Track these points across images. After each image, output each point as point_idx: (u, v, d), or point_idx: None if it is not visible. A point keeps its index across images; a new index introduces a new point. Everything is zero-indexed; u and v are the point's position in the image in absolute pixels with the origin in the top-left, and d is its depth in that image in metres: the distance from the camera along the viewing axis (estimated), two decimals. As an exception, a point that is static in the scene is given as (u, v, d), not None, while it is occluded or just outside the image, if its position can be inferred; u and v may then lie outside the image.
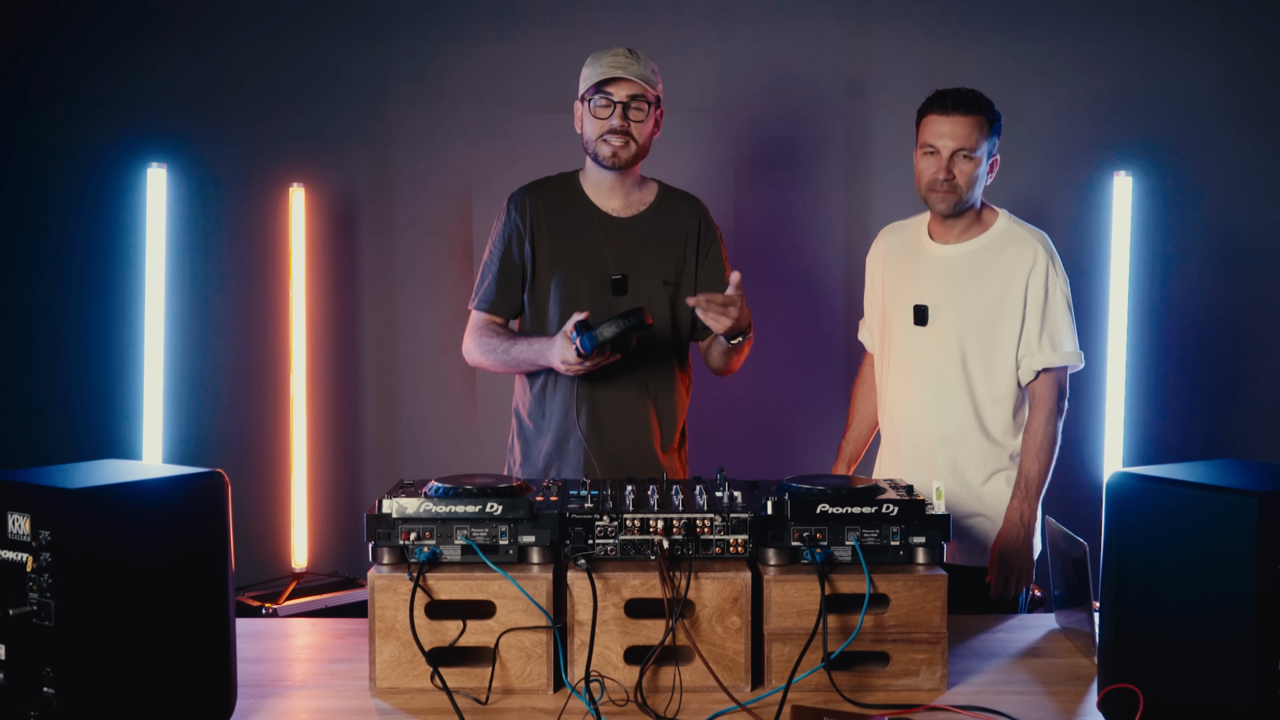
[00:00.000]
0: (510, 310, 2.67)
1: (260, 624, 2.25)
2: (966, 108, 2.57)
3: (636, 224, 2.66)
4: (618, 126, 2.53)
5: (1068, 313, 2.59)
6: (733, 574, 1.77)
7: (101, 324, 3.92)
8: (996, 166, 2.65)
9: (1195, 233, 3.96)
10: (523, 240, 2.63)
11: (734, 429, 4.02)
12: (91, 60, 3.91)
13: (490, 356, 2.61)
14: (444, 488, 1.83)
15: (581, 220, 2.63)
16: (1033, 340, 2.57)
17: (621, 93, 2.53)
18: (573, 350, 2.35)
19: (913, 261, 2.70)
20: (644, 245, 2.64)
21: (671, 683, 1.76)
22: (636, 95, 2.54)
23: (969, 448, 2.60)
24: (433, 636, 1.76)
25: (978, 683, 1.86)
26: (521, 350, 2.55)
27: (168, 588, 1.58)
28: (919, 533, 1.80)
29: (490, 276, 2.66)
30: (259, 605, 3.65)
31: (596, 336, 2.32)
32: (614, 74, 2.51)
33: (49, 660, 1.50)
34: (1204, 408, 3.99)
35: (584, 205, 2.65)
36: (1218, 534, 1.48)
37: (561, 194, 2.66)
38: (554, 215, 2.63)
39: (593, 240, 2.62)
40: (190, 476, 1.64)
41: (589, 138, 2.58)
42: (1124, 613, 1.60)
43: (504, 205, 2.68)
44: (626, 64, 2.53)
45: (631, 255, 2.62)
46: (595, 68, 2.55)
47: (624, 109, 2.53)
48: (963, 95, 2.59)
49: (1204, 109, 3.94)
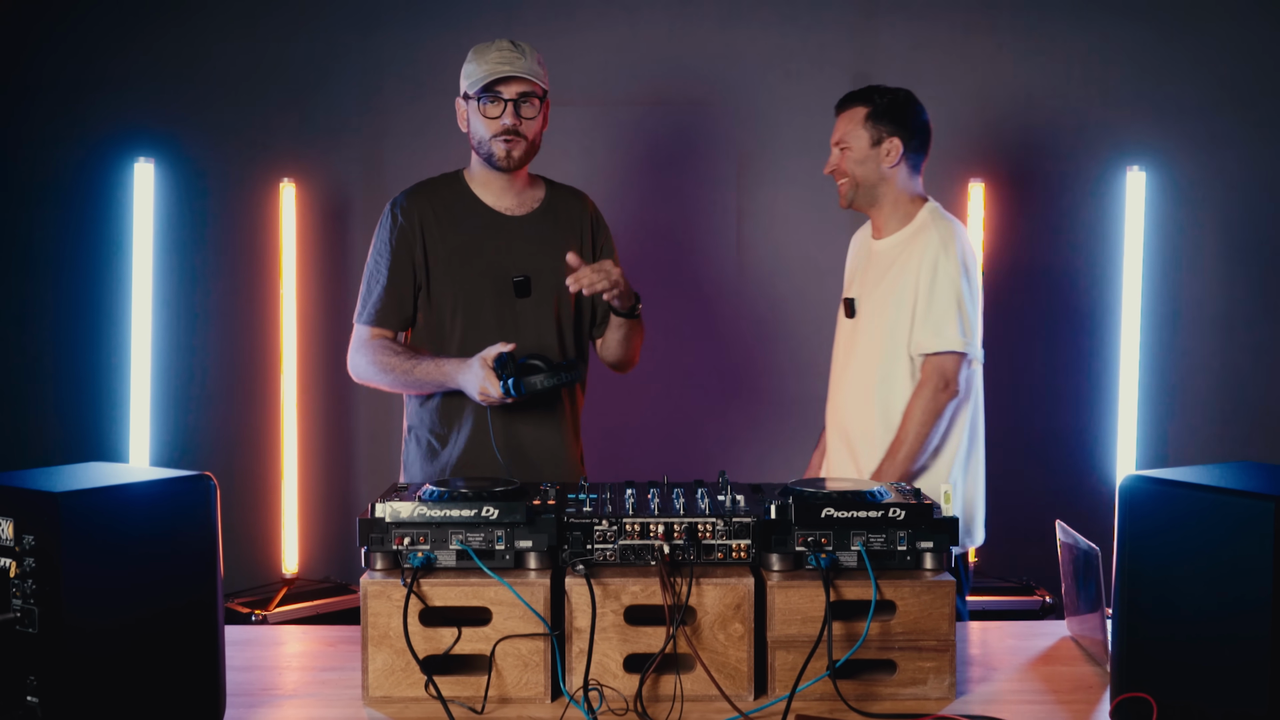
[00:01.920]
0: (401, 322, 2.58)
1: (250, 631, 2.25)
2: (846, 104, 2.79)
3: (532, 222, 2.61)
4: (510, 125, 2.49)
5: (954, 300, 2.67)
6: (735, 580, 1.76)
7: (87, 323, 3.92)
8: (896, 151, 2.78)
9: (1209, 229, 3.96)
10: (412, 246, 2.54)
11: (735, 430, 4.02)
12: (77, 52, 3.91)
13: (386, 377, 2.52)
14: (439, 491, 1.83)
15: (474, 221, 2.57)
16: (917, 325, 2.69)
17: (511, 90, 2.48)
18: (497, 388, 2.33)
19: (858, 257, 2.90)
20: (542, 244, 2.58)
21: (672, 692, 1.76)
22: (526, 92, 2.49)
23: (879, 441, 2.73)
24: (427, 644, 1.76)
25: (987, 691, 1.86)
26: (428, 371, 2.47)
27: (154, 594, 1.58)
28: (926, 537, 1.80)
29: (379, 288, 2.55)
30: (248, 612, 3.65)
31: (529, 386, 2.32)
32: (503, 72, 2.46)
33: (33, 668, 1.49)
34: (1219, 409, 3.99)
35: (475, 206, 2.59)
36: (1233, 539, 1.48)
37: (449, 195, 2.60)
38: (444, 218, 2.57)
39: (489, 241, 2.57)
40: (178, 480, 1.64)
41: (480, 138, 2.53)
42: (1137, 620, 1.60)
43: (386, 210, 2.59)
44: (514, 59, 2.48)
45: (531, 255, 2.57)
46: (480, 64, 2.50)
47: (515, 107, 2.48)
48: (851, 93, 2.81)
49: (1217, 103, 3.94)
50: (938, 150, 3.98)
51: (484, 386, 2.36)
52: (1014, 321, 4.00)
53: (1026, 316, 4.01)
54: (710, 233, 4.01)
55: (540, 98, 2.53)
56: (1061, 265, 3.99)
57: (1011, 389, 4.02)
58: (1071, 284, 3.99)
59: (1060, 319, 4.01)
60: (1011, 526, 4.02)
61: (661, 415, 3.91)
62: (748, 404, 4.01)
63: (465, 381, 2.41)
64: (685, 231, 3.96)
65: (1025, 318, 4.01)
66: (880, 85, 2.83)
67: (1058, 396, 4.03)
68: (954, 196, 3.93)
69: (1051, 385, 4.03)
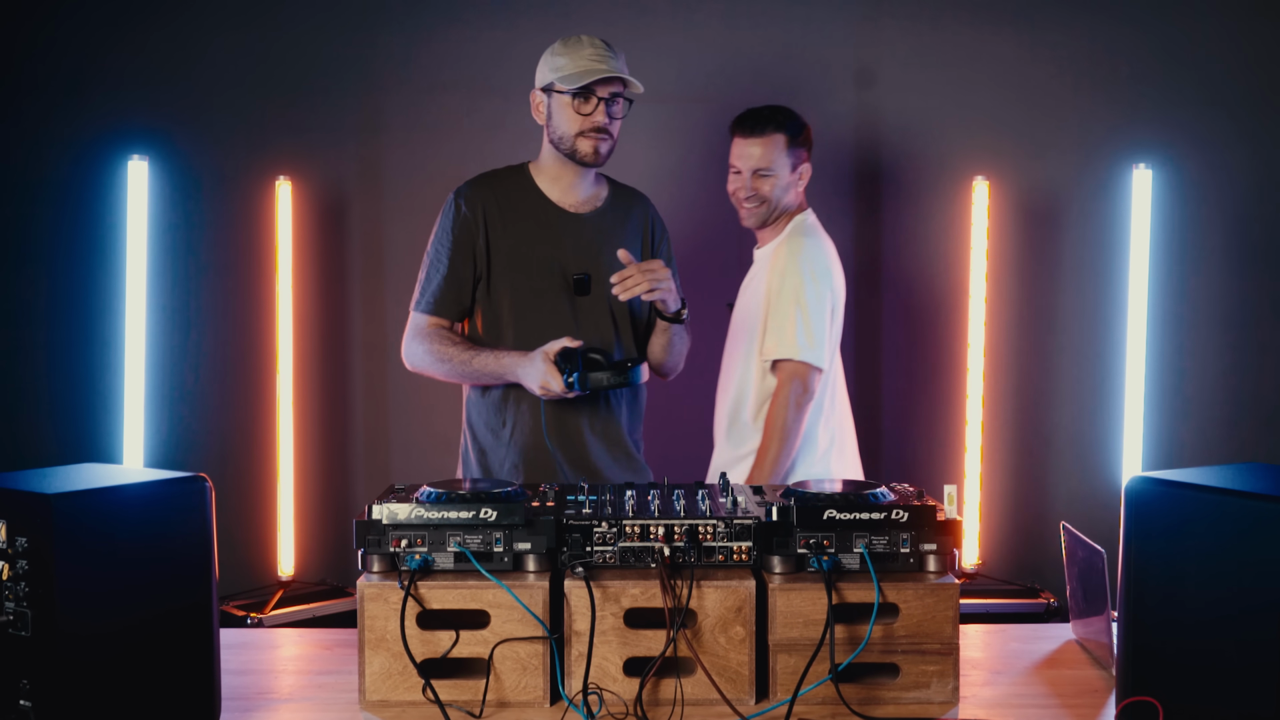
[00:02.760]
0: (459, 313, 2.61)
1: (245, 634, 2.25)
2: (763, 129, 2.87)
3: (595, 220, 2.64)
4: (602, 124, 2.51)
5: (797, 308, 2.80)
6: (736, 582, 1.76)
7: (81, 323, 3.92)
8: (807, 175, 2.98)
9: (1217, 228, 3.96)
10: (475, 237, 2.57)
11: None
12: (70, 49, 3.91)
13: (443, 366, 2.55)
14: (436, 493, 1.83)
15: (539, 216, 2.60)
16: (766, 331, 2.84)
17: (605, 89, 2.52)
18: (560, 382, 2.36)
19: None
20: (604, 242, 2.61)
21: (673, 695, 1.76)
22: (617, 93, 2.53)
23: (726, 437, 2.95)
24: (424, 647, 1.76)
25: (991, 695, 1.86)
26: (486, 362, 2.51)
27: (149, 597, 1.58)
28: (930, 539, 1.80)
29: (439, 276, 2.58)
30: (244, 615, 3.66)
31: (594, 383, 2.37)
32: (601, 71, 2.49)
33: (26, 671, 1.49)
34: (1226, 410, 3.99)
35: (539, 200, 2.61)
36: (1241, 541, 1.48)
37: (514, 187, 2.62)
38: (508, 210, 2.59)
39: (551, 236, 2.59)
40: (172, 481, 1.64)
41: (564, 133, 2.54)
42: (1143, 623, 1.60)
43: (449, 200, 2.61)
44: (608, 58, 2.52)
45: (592, 253, 2.60)
46: (574, 60, 2.52)
47: (606, 106, 2.51)
48: (762, 117, 2.89)
49: (1224, 100, 3.94)
50: (941, 147, 4.01)
51: (545, 380, 2.39)
52: (1018, 321, 4.01)
53: (1030, 316, 4.01)
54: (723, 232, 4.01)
55: (628, 100, 2.57)
56: (1067, 264, 3.99)
57: (1016, 390, 4.02)
58: (1077, 283, 3.99)
59: (1065, 318, 4.01)
60: (1016, 528, 4.02)
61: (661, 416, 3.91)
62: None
63: (526, 374, 2.44)
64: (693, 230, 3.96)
65: (1029, 317, 4.01)
66: (782, 106, 2.94)
67: (1063, 397, 4.03)
68: (957, 194, 3.93)
69: (1057, 386, 4.04)
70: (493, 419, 2.62)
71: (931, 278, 4.00)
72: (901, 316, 4.02)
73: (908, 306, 4.02)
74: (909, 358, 4.03)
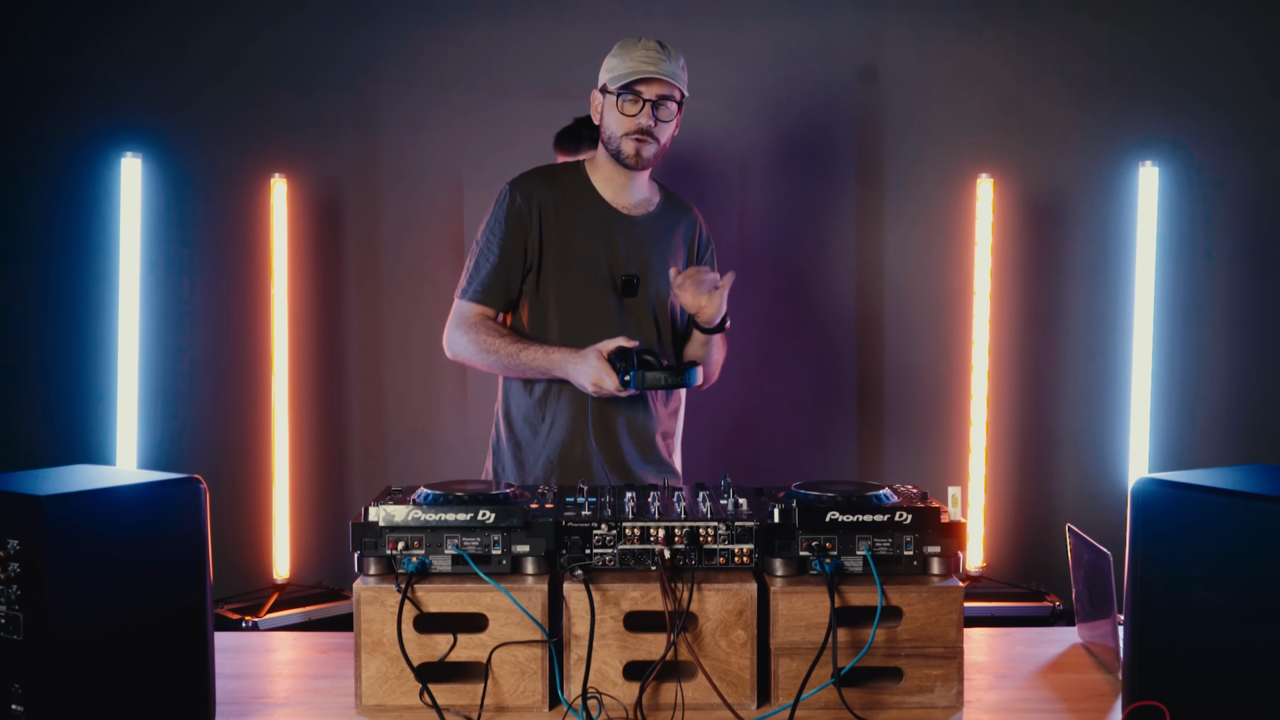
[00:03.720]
0: (506, 304, 2.63)
1: (240, 638, 2.25)
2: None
3: (646, 223, 2.67)
4: (645, 126, 2.52)
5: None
6: (738, 585, 1.76)
7: (73, 322, 3.92)
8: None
9: (1224, 226, 3.96)
10: (528, 229, 2.59)
11: (736, 431, 4.02)
12: (61, 44, 3.91)
13: (488, 357, 2.57)
14: (434, 494, 1.83)
15: (593, 214, 2.62)
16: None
17: (651, 91, 2.52)
18: (615, 380, 2.39)
19: None
20: (653, 246, 2.65)
21: (673, 700, 1.76)
22: (665, 95, 2.53)
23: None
24: (422, 651, 1.76)
25: (995, 700, 1.86)
26: (534, 357, 2.53)
27: (142, 600, 1.58)
28: (934, 542, 1.80)
29: (489, 266, 2.59)
30: (239, 618, 3.65)
31: (651, 383, 2.39)
32: (646, 71, 2.50)
33: (18, 676, 1.49)
34: (1234, 410, 3.99)
35: (593, 198, 2.64)
36: (1249, 543, 1.48)
37: (570, 184, 2.65)
38: (563, 206, 2.61)
39: (603, 235, 2.62)
40: (166, 483, 1.64)
41: (611, 133, 2.57)
42: (1150, 626, 1.60)
43: (505, 190, 2.62)
44: (658, 60, 2.52)
45: (642, 255, 2.64)
46: (625, 60, 2.53)
47: (653, 108, 2.52)
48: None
49: (1232, 97, 3.94)
50: (945, 143, 4.01)
51: (599, 377, 2.41)
52: (1023, 320, 4.01)
53: (1036, 315, 4.01)
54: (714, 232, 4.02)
55: (679, 103, 2.57)
56: (1072, 262, 3.99)
57: (1020, 389, 4.02)
58: (1082, 282, 3.99)
59: (1071, 317, 4.01)
60: (1021, 530, 4.02)
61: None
62: (750, 406, 4.01)
63: (578, 371, 2.45)
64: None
65: (1034, 317, 4.01)
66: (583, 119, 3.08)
67: (1068, 397, 4.03)
68: (961, 192, 3.93)
69: (1062, 385, 4.04)
70: (533, 414, 2.64)
71: (935, 276, 4.00)
72: (905, 315, 4.02)
73: (911, 305, 4.02)
74: (912, 357, 4.03)
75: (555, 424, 2.62)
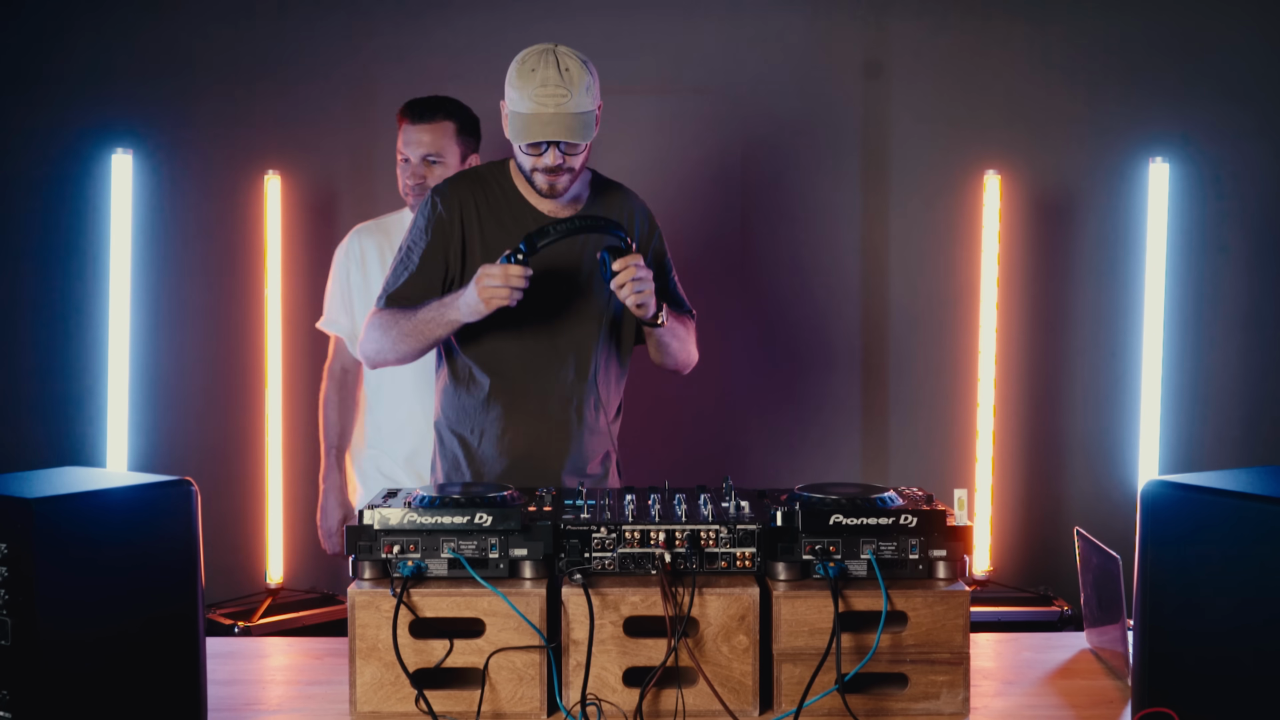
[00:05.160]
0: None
1: (232, 643, 2.25)
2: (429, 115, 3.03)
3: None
4: (552, 165, 2.42)
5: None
6: (740, 590, 1.76)
7: (63, 322, 3.92)
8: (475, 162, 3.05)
9: (1236, 223, 3.96)
10: (450, 237, 2.52)
11: (737, 432, 4.02)
12: (50, 38, 3.91)
13: (389, 336, 2.46)
14: (430, 497, 1.83)
15: (517, 218, 2.54)
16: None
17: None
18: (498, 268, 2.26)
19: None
20: (585, 244, 2.55)
21: (674, 706, 1.76)
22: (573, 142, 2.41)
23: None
24: (417, 657, 1.76)
25: (1002, 706, 1.86)
26: (429, 311, 2.41)
27: (133, 604, 1.58)
28: (939, 546, 1.80)
29: (406, 274, 2.52)
30: (231, 623, 3.65)
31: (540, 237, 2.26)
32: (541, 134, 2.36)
33: (5, 681, 1.50)
34: (1245, 411, 3.99)
35: (517, 201, 2.56)
36: (1260, 547, 1.48)
37: (493, 188, 2.57)
38: (487, 212, 2.54)
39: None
40: (157, 485, 1.64)
41: (520, 162, 2.48)
42: (1159, 631, 1.60)
43: (428, 198, 2.56)
44: (557, 98, 2.35)
45: (574, 255, 2.54)
46: (522, 93, 2.39)
47: (558, 147, 2.40)
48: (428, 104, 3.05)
49: (1243, 93, 3.94)
50: (951, 139, 4.00)
51: (484, 283, 2.28)
52: (1030, 319, 4.00)
53: (1043, 314, 4.01)
54: (716, 230, 4.01)
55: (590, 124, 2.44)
56: (1081, 261, 3.99)
57: (1028, 390, 4.02)
58: (1091, 280, 3.99)
59: (1079, 317, 4.01)
60: (1029, 534, 4.02)
61: (663, 418, 3.91)
62: (752, 406, 4.01)
63: (467, 298, 2.33)
64: (698, 224, 3.96)
65: (1042, 316, 4.01)
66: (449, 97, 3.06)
67: (1077, 398, 4.03)
68: (968, 188, 3.93)
69: (1070, 386, 4.03)
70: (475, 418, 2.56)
71: (941, 274, 4.00)
72: (910, 314, 4.02)
73: (916, 303, 4.02)
74: (917, 356, 4.03)
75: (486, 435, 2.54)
